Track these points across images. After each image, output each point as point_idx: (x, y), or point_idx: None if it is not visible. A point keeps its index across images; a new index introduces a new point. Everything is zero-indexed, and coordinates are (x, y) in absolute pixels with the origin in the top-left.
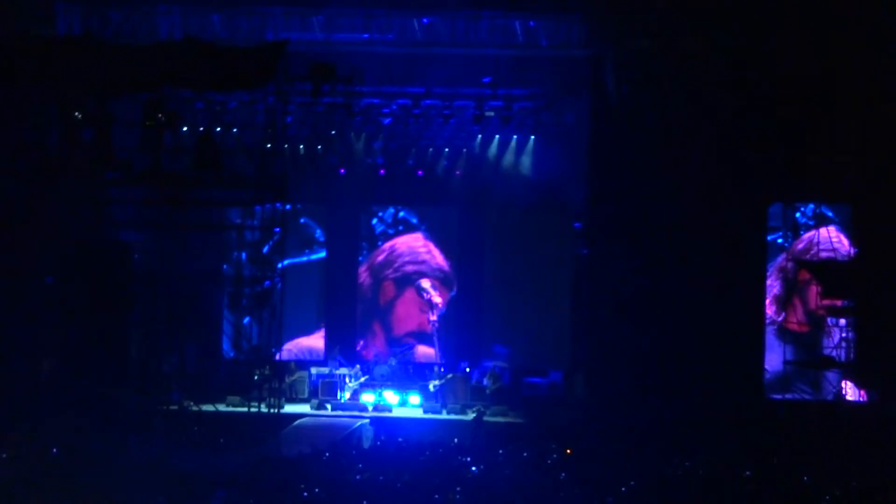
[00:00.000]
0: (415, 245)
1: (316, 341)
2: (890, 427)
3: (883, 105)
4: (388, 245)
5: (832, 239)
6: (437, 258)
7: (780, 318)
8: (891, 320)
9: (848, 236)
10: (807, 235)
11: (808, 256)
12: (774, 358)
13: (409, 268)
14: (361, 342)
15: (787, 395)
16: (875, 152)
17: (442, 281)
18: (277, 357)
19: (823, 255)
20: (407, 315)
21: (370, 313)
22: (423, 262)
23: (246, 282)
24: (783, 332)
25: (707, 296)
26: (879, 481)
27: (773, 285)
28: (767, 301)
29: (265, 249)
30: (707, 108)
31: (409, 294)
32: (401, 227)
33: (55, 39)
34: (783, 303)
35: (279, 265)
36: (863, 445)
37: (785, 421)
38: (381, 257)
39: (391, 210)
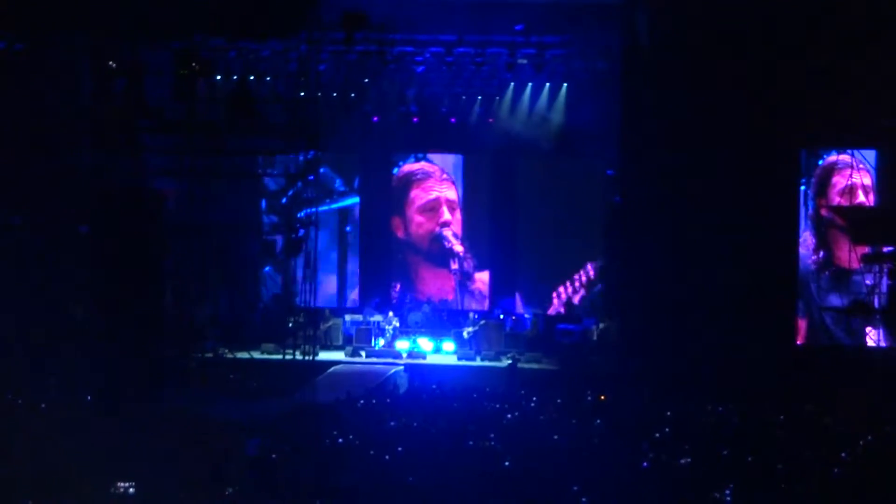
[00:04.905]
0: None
1: None
2: None
3: None
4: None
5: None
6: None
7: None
8: None
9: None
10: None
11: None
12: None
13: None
14: (398, 286)
15: (821, 342)
16: None
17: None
18: (312, 304)
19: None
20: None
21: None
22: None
23: (279, 230)
24: (824, 277)
25: (740, 242)
26: None
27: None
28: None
29: (284, 200)
30: (739, 53)
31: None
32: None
33: None
34: (819, 248)
35: (300, 214)
36: None
37: (818, 367)
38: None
39: (412, 158)
